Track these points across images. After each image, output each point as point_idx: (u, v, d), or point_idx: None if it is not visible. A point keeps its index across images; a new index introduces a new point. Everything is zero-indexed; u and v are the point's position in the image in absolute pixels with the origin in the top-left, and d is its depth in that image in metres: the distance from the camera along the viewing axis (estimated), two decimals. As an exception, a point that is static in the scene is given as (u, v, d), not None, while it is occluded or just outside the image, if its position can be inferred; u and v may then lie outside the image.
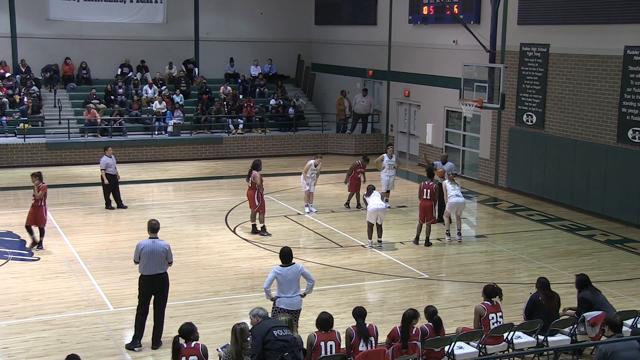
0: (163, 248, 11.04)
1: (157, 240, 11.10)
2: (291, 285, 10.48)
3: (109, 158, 19.38)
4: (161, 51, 30.78)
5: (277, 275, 10.49)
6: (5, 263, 15.10)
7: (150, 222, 11.26)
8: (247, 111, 29.13)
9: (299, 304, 10.57)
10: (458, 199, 16.87)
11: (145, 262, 10.95)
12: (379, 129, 29.73)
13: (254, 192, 17.22)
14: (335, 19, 31.82)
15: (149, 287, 11.07)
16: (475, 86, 21.41)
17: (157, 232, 11.20)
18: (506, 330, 10.33)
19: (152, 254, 10.94)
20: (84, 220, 18.48)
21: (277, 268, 10.58)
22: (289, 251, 10.74)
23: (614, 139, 19.06)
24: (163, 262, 11.07)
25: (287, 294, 10.46)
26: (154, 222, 11.28)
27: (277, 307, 10.49)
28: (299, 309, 10.62)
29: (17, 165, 24.90)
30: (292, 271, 10.52)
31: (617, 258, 16.18)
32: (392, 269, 15.15)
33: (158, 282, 11.08)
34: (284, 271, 10.51)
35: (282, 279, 10.47)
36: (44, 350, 10.98)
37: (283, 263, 10.62)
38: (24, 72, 28.62)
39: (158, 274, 11.04)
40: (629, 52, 18.42)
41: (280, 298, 10.50)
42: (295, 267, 10.58)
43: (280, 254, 10.77)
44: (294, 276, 10.52)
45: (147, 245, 10.97)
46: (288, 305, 10.44)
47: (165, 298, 11.28)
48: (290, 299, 10.46)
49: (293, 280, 10.50)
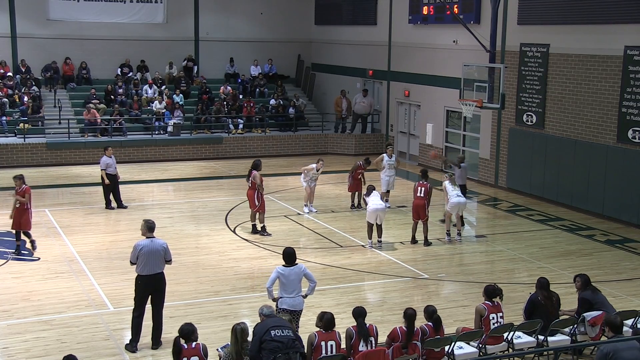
0: (162, 246, 11.04)
1: (155, 239, 11.08)
2: (294, 286, 10.49)
3: (109, 158, 19.38)
4: (161, 51, 30.79)
5: (280, 276, 10.49)
6: (5, 263, 15.10)
7: (147, 222, 11.23)
8: (247, 111, 29.13)
9: (300, 305, 10.58)
10: (459, 199, 16.87)
11: (145, 262, 10.92)
12: (379, 129, 29.73)
13: (254, 192, 17.22)
14: (335, 19, 31.82)
15: (147, 287, 11.04)
16: (475, 86, 21.41)
17: (153, 231, 11.18)
18: (506, 330, 10.33)
19: (151, 254, 10.92)
20: (84, 220, 18.48)
21: (280, 268, 10.58)
22: (293, 252, 10.73)
23: (614, 139, 19.06)
24: (161, 261, 11.06)
25: (289, 294, 10.48)
26: (150, 221, 11.25)
27: (279, 307, 10.49)
28: (301, 309, 10.63)
29: (17, 165, 24.88)
30: (294, 272, 10.53)
31: (617, 258, 16.18)
32: (392, 269, 15.15)
33: (157, 281, 11.06)
34: (286, 271, 10.51)
35: (285, 279, 10.47)
36: (44, 350, 10.98)
37: (286, 263, 10.62)
38: (24, 72, 28.62)
39: (157, 273, 11.03)
40: (629, 52, 18.42)
41: (282, 298, 10.50)
42: (298, 268, 10.59)
43: (283, 254, 10.76)
44: (297, 277, 10.52)
45: (146, 245, 10.95)
46: (290, 306, 10.44)
47: (163, 297, 11.25)
48: (292, 299, 10.47)
49: (295, 281, 10.50)
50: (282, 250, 10.91)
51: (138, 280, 11.09)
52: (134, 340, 11.09)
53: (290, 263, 10.60)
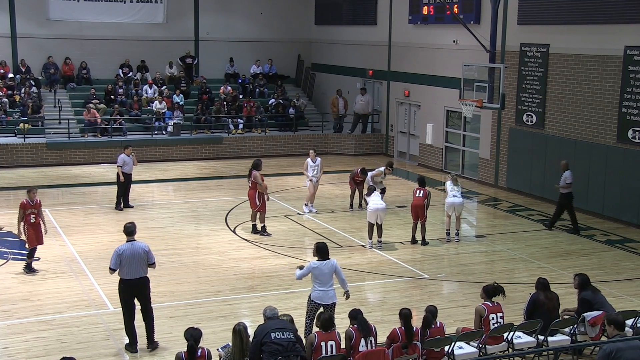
0: (143, 249, 10.87)
1: (135, 242, 10.93)
2: (327, 279, 10.80)
3: (127, 157, 19.44)
4: (161, 51, 30.77)
5: (314, 270, 10.80)
6: (5, 263, 15.10)
7: (126, 226, 11.07)
8: (247, 111, 29.13)
9: (333, 297, 10.84)
10: (454, 200, 16.87)
11: (127, 266, 10.77)
12: (379, 129, 29.73)
13: (255, 192, 17.23)
14: (335, 19, 31.81)
15: (130, 291, 10.87)
16: (475, 86, 21.40)
17: (134, 235, 11.03)
18: (506, 330, 10.34)
19: (132, 258, 10.77)
20: (84, 220, 18.47)
21: (313, 263, 10.88)
22: (325, 246, 11.00)
23: (614, 139, 19.06)
24: (144, 265, 10.89)
25: (322, 287, 10.75)
26: (129, 224, 11.10)
27: (312, 301, 10.80)
28: (334, 302, 10.86)
29: (17, 165, 24.91)
30: (328, 266, 10.84)
31: (617, 258, 16.18)
32: (392, 269, 15.15)
33: (140, 286, 10.89)
34: (320, 266, 10.81)
35: (319, 272, 10.78)
36: (44, 350, 10.98)
37: (319, 258, 10.89)
38: (24, 72, 28.62)
39: (140, 277, 10.86)
40: (629, 52, 18.42)
41: (316, 291, 10.79)
42: (331, 262, 10.88)
43: (317, 249, 10.99)
44: (330, 270, 10.83)
45: (127, 249, 10.80)
46: (324, 299, 10.73)
47: (149, 300, 11.07)
48: (325, 292, 10.77)
49: (329, 275, 10.82)
50: (314, 245, 11.11)
51: (120, 284, 10.94)
52: (132, 343, 11.04)
53: (324, 257, 10.89)
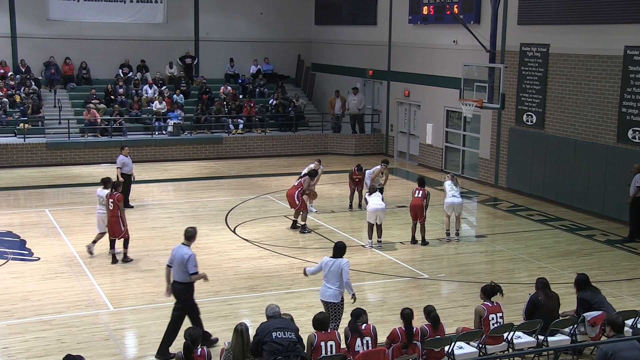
0: (182, 255, 10.87)
1: (182, 246, 11.01)
2: (331, 277, 10.90)
3: (125, 157, 19.43)
4: (161, 51, 30.78)
5: (324, 266, 11.00)
6: (5, 263, 15.10)
7: (186, 229, 11.27)
8: (247, 111, 29.13)
9: (331, 297, 10.91)
10: (453, 200, 16.87)
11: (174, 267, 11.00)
12: (379, 129, 29.73)
13: (295, 191, 17.72)
14: (335, 19, 31.81)
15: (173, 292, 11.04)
16: (475, 86, 21.40)
17: (189, 240, 11.10)
18: (506, 330, 10.34)
19: (174, 259, 10.96)
20: (84, 220, 18.45)
21: (326, 258, 11.09)
22: (342, 246, 11.19)
23: (614, 139, 19.06)
24: (182, 270, 10.86)
25: (326, 283, 10.97)
26: (190, 229, 11.27)
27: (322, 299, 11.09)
28: (332, 302, 10.91)
29: (17, 165, 24.92)
30: (335, 264, 10.94)
31: (617, 258, 16.18)
32: (392, 269, 15.15)
33: (176, 290, 10.99)
34: (329, 262, 11.00)
35: (325, 268, 10.98)
36: (44, 350, 10.98)
37: (333, 255, 11.06)
38: (24, 72, 28.61)
39: (176, 281, 10.97)
40: (629, 52, 18.42)
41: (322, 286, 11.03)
42: (339, 262, 10.97)
43: (333, 247, 11.24)
44: (336, 269, 10.91)
45: (174, 249, 11.06)
46: (322, 295, 10.96)
47: (180, 309, 10.96)
48: (326, 288, 10.94)
49: (333, 272, 10.91)
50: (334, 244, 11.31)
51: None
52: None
53: (335, 256, 11.05)
